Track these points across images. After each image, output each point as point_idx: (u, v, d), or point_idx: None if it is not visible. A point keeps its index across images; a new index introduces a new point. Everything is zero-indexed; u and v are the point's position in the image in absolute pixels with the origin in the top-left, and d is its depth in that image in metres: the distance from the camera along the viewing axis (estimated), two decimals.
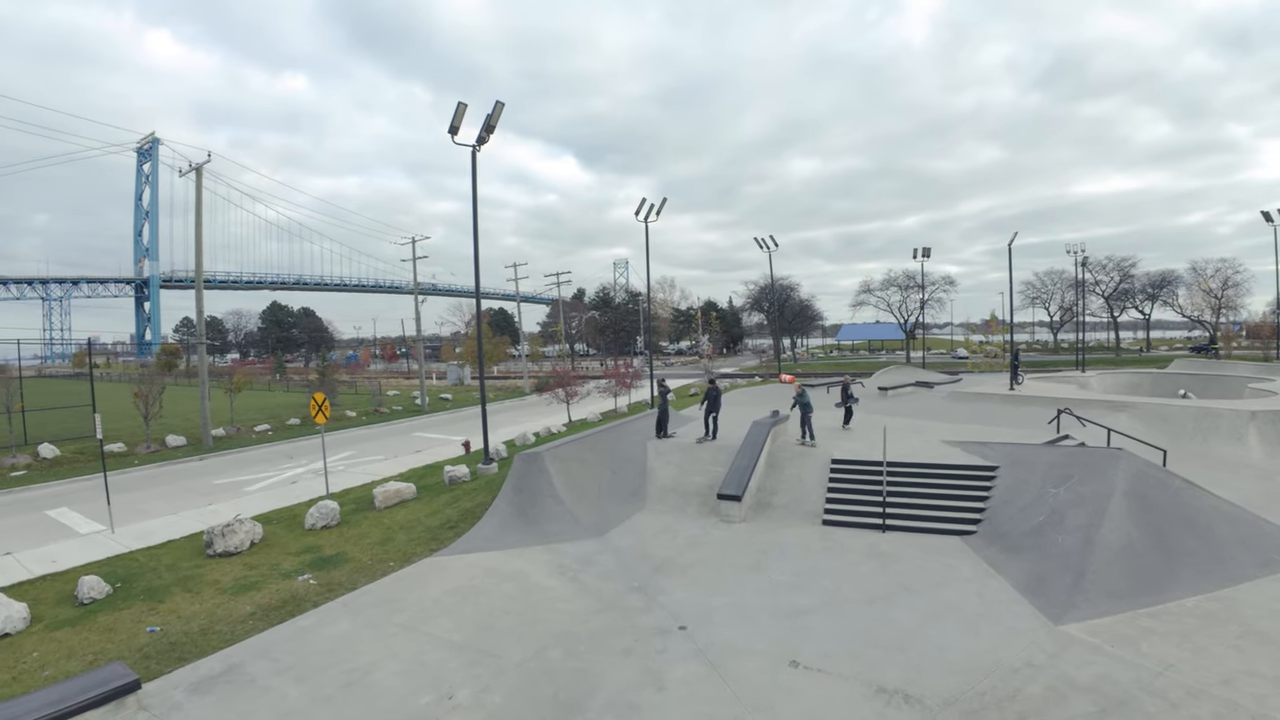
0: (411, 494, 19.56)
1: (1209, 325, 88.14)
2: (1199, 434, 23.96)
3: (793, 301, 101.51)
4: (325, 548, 16.06)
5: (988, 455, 17.61)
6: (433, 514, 17.42)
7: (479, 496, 17.84)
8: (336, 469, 27.77)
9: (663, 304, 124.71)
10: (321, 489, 21.84)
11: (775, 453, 18.44)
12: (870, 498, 16.07)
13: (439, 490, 19.97)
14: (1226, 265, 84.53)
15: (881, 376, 43.95)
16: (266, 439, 36.80)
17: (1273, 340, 69.06)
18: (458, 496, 18.57)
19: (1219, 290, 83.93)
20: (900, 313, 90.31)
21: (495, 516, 15.81)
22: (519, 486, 16.33)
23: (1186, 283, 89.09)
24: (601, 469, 18.06)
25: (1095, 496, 13.87)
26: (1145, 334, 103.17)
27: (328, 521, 17.75)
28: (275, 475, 26.89)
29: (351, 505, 19.62)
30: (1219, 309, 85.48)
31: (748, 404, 30.73)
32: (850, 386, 23.52)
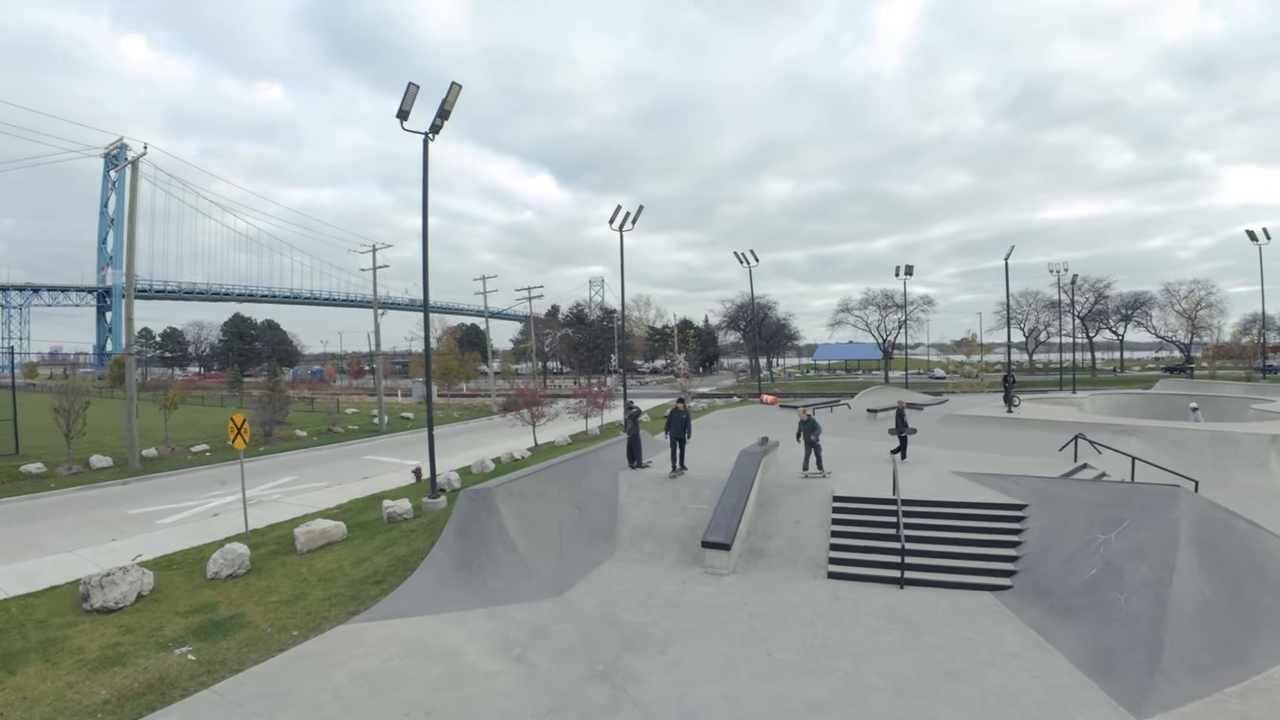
0: (340, 535, 16.62)
1: (1183, 345, 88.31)
2: (1218, 460, 21.98)
3: (770, 320, 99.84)
4: (222, 606, 13.12)
5: (1011, 491, 15.23)
6: (360, 562, 14.51)
7: (417, 540, 14.98)
8: (270, 498, 24.73)
9: (638, 322, 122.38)
10: (250, 520, 18.97)
11: (767, 487, 15.87)
12: (882, 543, 13.55)
13: (374, 530, 17.06)
14: (1199, 286, 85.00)
15: (866, 398, 41.77)
16: (203, 460, 33.45)
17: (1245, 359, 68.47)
18: (393, 540, 15.68)
19: (1193, 311, 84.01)
20: (879, 332, 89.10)
21: (432, 568, 12.97)
22: (463, 530, 13.51)
23: (1160, 304, 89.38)
24: (564, 506, 15.33)
25: (1157, 544, 11.50)
26: (1120, 354, 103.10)
27: (234, 569, 14.78)
28: (199, 505, 23.81)
29: (270, 547, 16.66)
30: (1193, 329, 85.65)
31: (729, 427, 28.18)
32: (905, 413, 20.40)
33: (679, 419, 17.08)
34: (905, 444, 19.69)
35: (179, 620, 12.48)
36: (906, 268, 49.82)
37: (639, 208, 30.95)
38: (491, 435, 39.76)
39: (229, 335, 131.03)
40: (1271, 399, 33.57)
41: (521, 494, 14.59)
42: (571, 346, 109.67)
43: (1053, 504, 13.98)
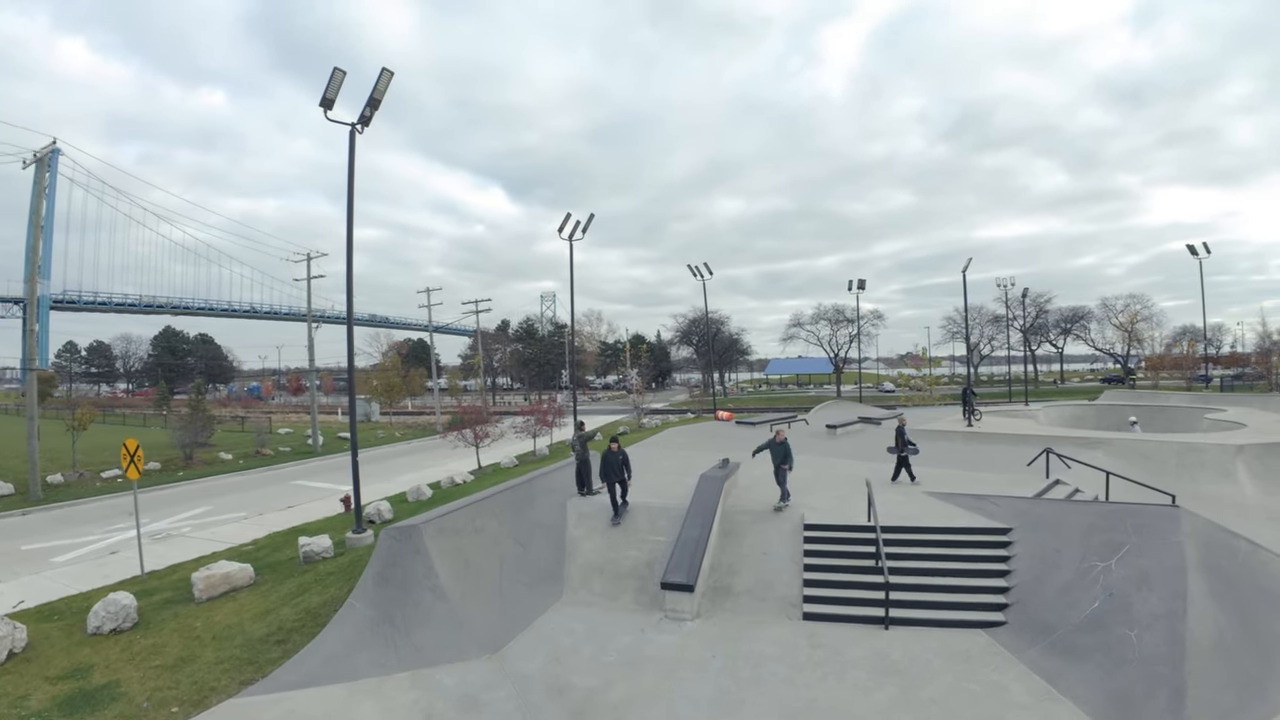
0: (246, 580, 14.50)
1: (1120, 357, 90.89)
2: (1184, 471, 21.45)
3: (723, 335, 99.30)
4: (97, 670, 11.00)
5: (993, 513, 14.07)
6: (264, 615, 12.47)
7: (333, 587, 13.02)
8: (179, 531, 22.33)
9: (589, 337, 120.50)
10: (151, 559, 16.89)
11: (730, 514, 14.39)
12: (860, 576, 12.19)
13: (286, 573, 14.98)
14: (1135, 300, 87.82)
15: (823, 412, 40.91)
16: (113, 487, 30.52)
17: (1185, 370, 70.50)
18: (306, 586, 13.66)
19: (1130, 324, 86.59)
20: (830, 346, 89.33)
21: (347, 623, 11.05)
22: (384, 576, 11.63)
23: (1097, 317, 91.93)
24: (505, 542, 13.57)
25: (1164, 572, 10.41)
26: (1059, 367, 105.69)
27: (118, 623, 12.62)
28: (100, 539, 21.40)
29: (165, 594, 14.48)
30: (1130, 342, 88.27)
31: (687, 446, 26.72)
32: (905, 429, 18.63)
33: (614, 461, 14.62)
34: (908, 464, 18.16)
35: (48, 688, 10.40)
36: (859, 282, 49.52)
37: (589, 216, 29.51)
38: (434, 456, 37.53)
39: (158, 350, 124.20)
40: (1222, 408, 33.79)
41: (455, 530, 12.79)
42: (522, 362, 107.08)
43: (1040, 527, 12.85)
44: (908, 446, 18.05)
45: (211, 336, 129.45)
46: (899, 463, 18.17)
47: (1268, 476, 20.54)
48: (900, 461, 18.15)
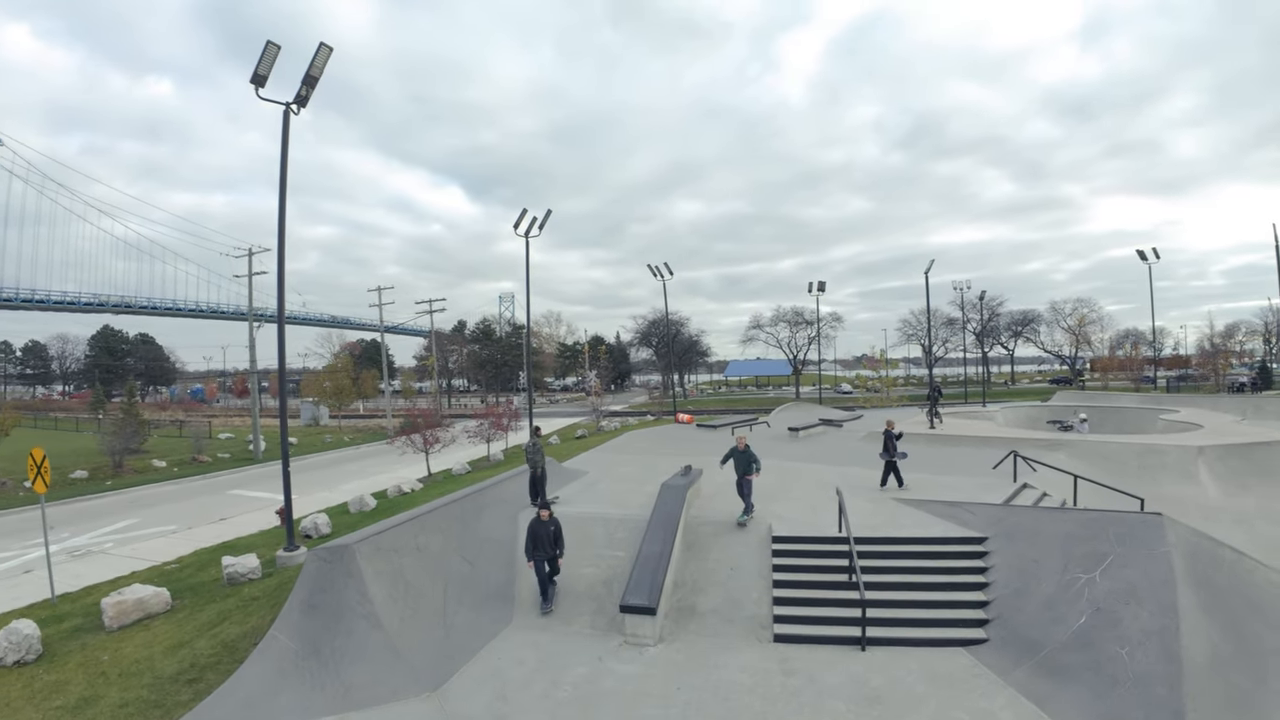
0: (162, 605, 13.08)
1: (1068, 359, 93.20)
2: (1145, 473, 21.29)
3: (682, 337, 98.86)
4: None
5: (967, 521, 13.48)
6: (178, 647, 11.14)
7: (256, 615, 11.75)
8: (101, 547, 20.64)
9: (548, 338, 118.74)
10: (66, 579, 15.45)
11: (694, 525, 13.51)
12: (832, 592, 11.44)
13: (208, 597, 13.60)
14: (1083, 304, 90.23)
15: (784, 414, 40.43)
16: (37, 498, 28.27)
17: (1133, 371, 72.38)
18: (227, 613, 12.34)
19: (1078, 327, 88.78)
20: (789, 348, 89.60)
21: (268, 658, 9.84)
22: (312, 603, 10.44)
23: (1047, 320, 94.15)
24: (451, 560, 12.45)
25: (1152, 585, 9.85)
26: (1010, 368, 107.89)
27: (21, 655, 11.24)
28: (16, 556, 19.77)
29: (76, 620, 13.03)
30: (1078, 344, 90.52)
31: (647, 450, 25.82)
32: (893, 434, 17.76)
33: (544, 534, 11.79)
34: (897, 469, 17.57)
35: None
36: (819, 284, 49.36)
37: (546, 213, 28.48)
38: (383, 462, 35.88)
39: (96, 350, 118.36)
40: (1175, 409, 34.25)
41: (394, 548, 11.63)
42: (478, 363, 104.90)
43: (1017, 536, 12.26)
44: (897, 453, 17.44)
45: (152, 337, 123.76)
46: (887, 468, 17.59)
47: (1229, 478, 20.51)
48: (889, 466, 17.56)
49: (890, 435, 17.59)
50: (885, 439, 17.60)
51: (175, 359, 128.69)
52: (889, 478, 17.55)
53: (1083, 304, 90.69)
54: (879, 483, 17.67)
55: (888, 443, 17.50)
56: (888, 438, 17.57)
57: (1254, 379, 44.51)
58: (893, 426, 18.01)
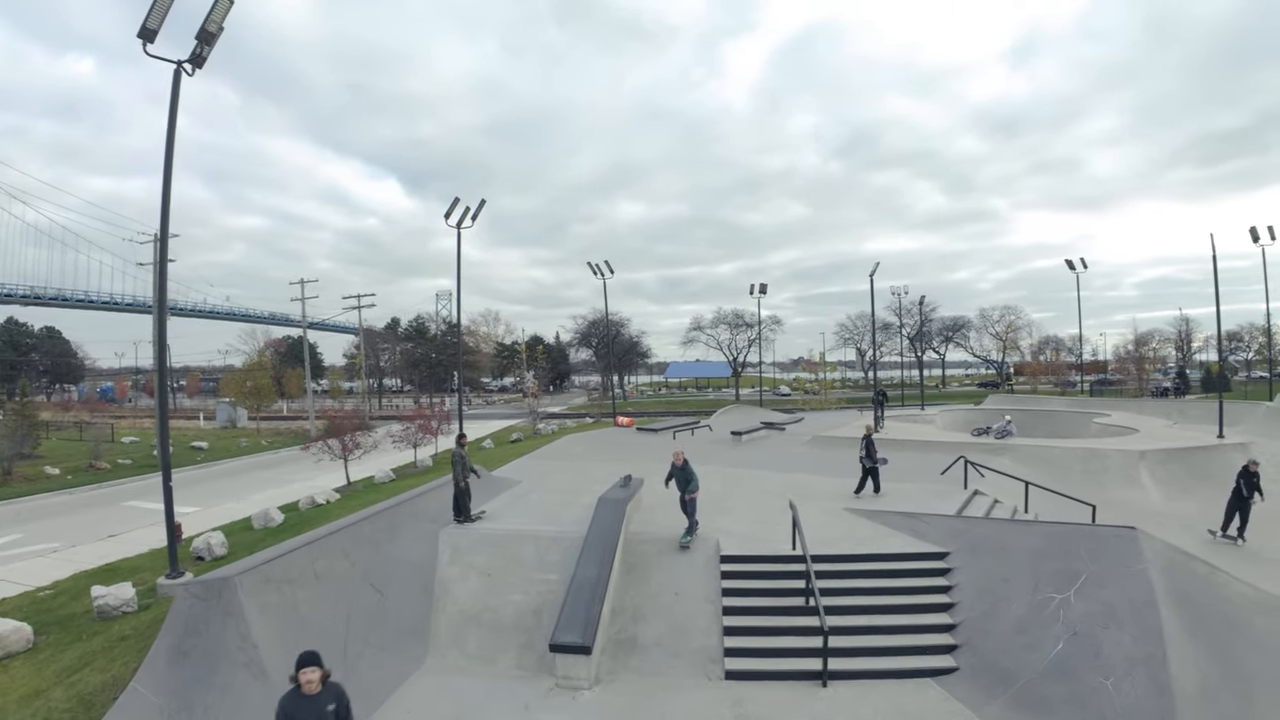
0: (22, 643, 10.97)
1: (996, 364, 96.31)
2: (1089, 477, 21.11)
3: (622, 338, 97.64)
4: None
5: (925, 534, 12.60)
6: (32, 697, 9.19)
7: (119, 661, 9.84)
8: None
9: (485, 338, 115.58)
10: None
11: (634, 543, 12.20)
12: (790, 619, 10.32)
13: (76, 633, 11.55)
14: (1009, 311, 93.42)
15: (726, 417, 39.57)
16: None
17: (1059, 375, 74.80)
18: (91, 655, 10.38)
19: (1006, 333, 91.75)
20: (729, 350, 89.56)
21: (127, 716, 8.07)
22: (182, 649, 8.72)
23: (976, 326, 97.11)
24: (356, 588, 10.83)
25: (1132, 606, 9.07)
26: (941, 372, 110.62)
27: None
28: None
29: None
30: (1005, 349, 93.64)
31: (585, 456, 24.40)
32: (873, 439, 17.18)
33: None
34: (876, 475, 16.88)
35: None
36: (761, 286, 48.83)
37: (480, 202, 26.76)
38: (301, 469, 33.29)
39: None
40: (1106, 413, 34.80)
41: (287, 578, 9.96)
42: (412, 363, 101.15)
43: (981, 551, 11.42)
44: (877, 459, 16.77)
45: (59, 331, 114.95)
46: (866, 474, 16.92)
47: (1170, 482, 20.47)
48: (868, 473, 16.90)
49: (870, 440, 16.91)
50: (868, 445, 16.84)
51: (84, 355, 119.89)
52: (865, 484, 16.96)
53: (1010, 311, 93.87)
54: (854, 490, 17.02)
55: (870, 448, 16.76)
56: (870, 443, 16.84)
57: (1175, 384, 45.98)
58: (871, 432, 17.43)
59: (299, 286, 52.56)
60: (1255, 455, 22.69)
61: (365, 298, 57.86)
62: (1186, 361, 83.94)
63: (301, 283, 51.60)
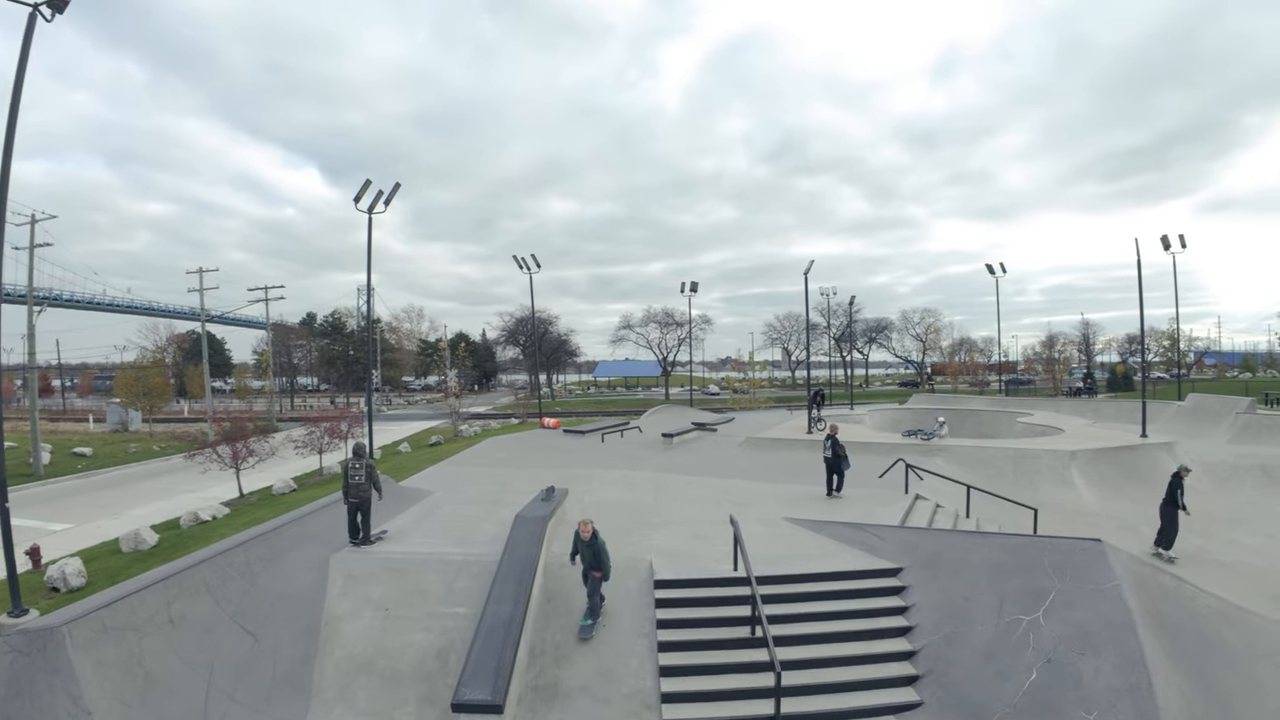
0: None
1: (917, 364, 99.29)
2: (1022, 477, 20.95)
3: (551, 336, 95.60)
4: None
5: (876, 547, 11.65)
6: None
7: None
8: None
9: (408, 335, 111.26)
10: None
11: (556, 569, 10.74)
12: (736, 654, 9.09)
13: None
14: (929, 314, 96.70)
15: (656, 417, 38.50)
16: None
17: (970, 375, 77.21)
18: None
19: (926, 335, 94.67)
20: (659, 349, 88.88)
21: None
22: (4, 714, 6.86)
23: (898, 328, 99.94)
24: (223, 632, 9.01)
25: (1109, 629, 8.23)
26: (865, 371, 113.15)
27: None
28: None
29: None
30: (925, 350, 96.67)
31: (507, 463, 22.71)
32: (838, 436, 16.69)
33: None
34: (842, 477, 16.56)
35: None
36: (692, 285, 47.94)
37: (395, 185, 24.67)
38: (191, 479, 30.19)
39: None
40: (1029, 412, 35.33)
41: (133, 625, 8.09)
42: (328, 360, 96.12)
43: (937, 567, 10.50)
44: (846, 460, 16.35)
45: None
46: (836, 476, 16.62)
47: (1102, 483, 20.40)
48: (837, 475, 16.59)
49: (837, 440, 16.46)
50: (832, 445, 16.35)
51: None
52: (833, 483, 16.73)
53: (930, 314, 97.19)
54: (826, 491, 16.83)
55: (835, 448, 16.29)
56: (834, 443, 16.37)
57: (1087, 384, 47.58)
58: (836, 431, 16.92)
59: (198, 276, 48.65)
60: (1180, 454, 23.08)
61: (273, 290, 54.37)
62: (1089, 363, 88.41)
63: (200, 271, 47.79)
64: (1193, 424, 31.68)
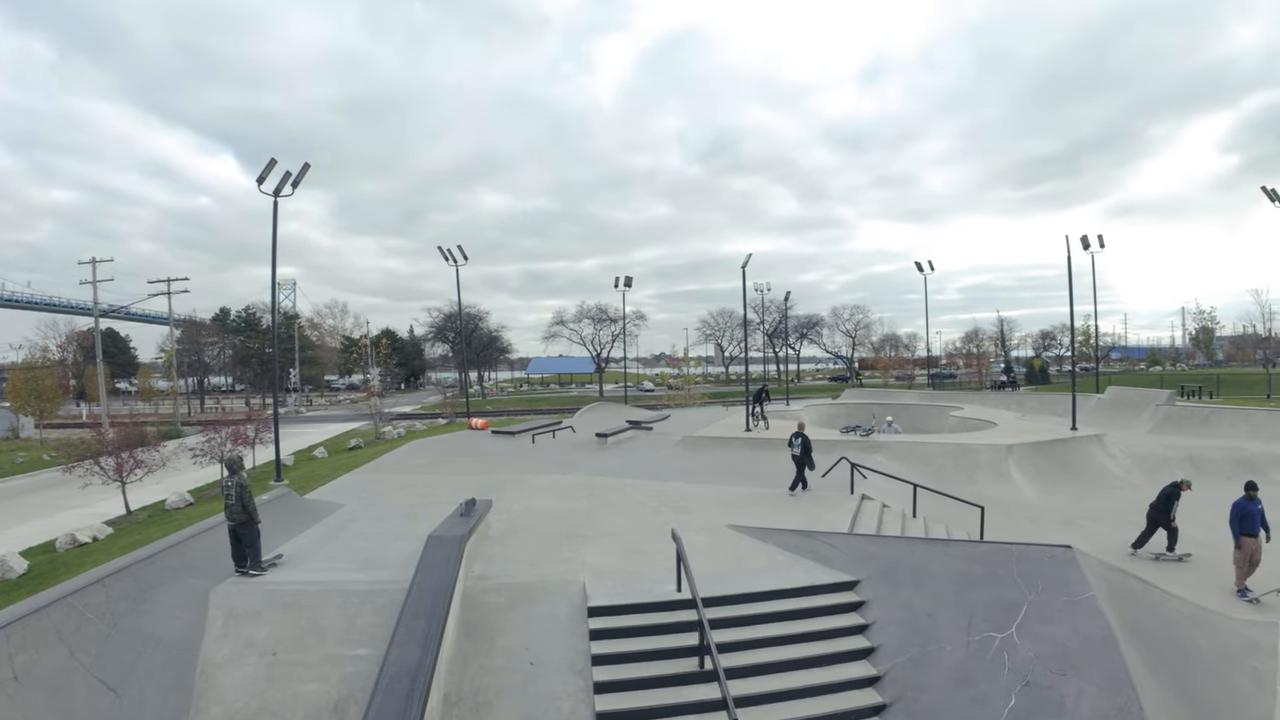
0: None
1: (847, 359, 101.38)
2: (961, 473, 20.67)
3: (481, 332, 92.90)
4: None
5: (828, 558, 10.76)
6: None
7: None
8: None
9: (331, 331, 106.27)
10: None
11: (475, 596, 9.40)
12: (682, 691, 7.99)
13: None
14: (859, 311, 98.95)
15: (589, 416, 37.24)
16: None
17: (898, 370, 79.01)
18: None
19: (855, 330, 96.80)
20: (592, 345, 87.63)
21: None
22: None
23: (828, 324, 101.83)
24: (78, 690, 7.37)
25: (1089, 646, 7.51)
26: (797, 367, 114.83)
27: None
28: None
29: None
30: (855, 346, 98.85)
31: (428, 469, 21.05)
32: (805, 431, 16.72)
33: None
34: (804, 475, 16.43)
35: None
36: (626, 279, 46.80)
37: (303, 166, 22.60)
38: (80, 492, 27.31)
39: None
40: (960, 406, 35.66)
41: None
42: (242, 359, 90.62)
43: (897, 578, 9.68)
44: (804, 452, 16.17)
45: None
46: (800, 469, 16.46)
47: (1039, 477, 20.30)
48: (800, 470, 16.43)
49: (807, 439, 16.39)
50: (802, 444, 16.22)
51: None
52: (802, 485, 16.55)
53: (859, 310, 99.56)
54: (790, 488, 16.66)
55: (804, 446, 16.21)
56: (803, 441, 16.25)
57: (1011, 378, 48.82)
58: (803, 428, 16.96)
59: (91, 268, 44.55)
60: (1109, 446, 23.33)
61: (177, 282, 50.39)
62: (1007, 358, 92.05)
63: (93, 262, 43.72)
64: (1114, 416, 32.51)
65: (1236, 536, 11.92)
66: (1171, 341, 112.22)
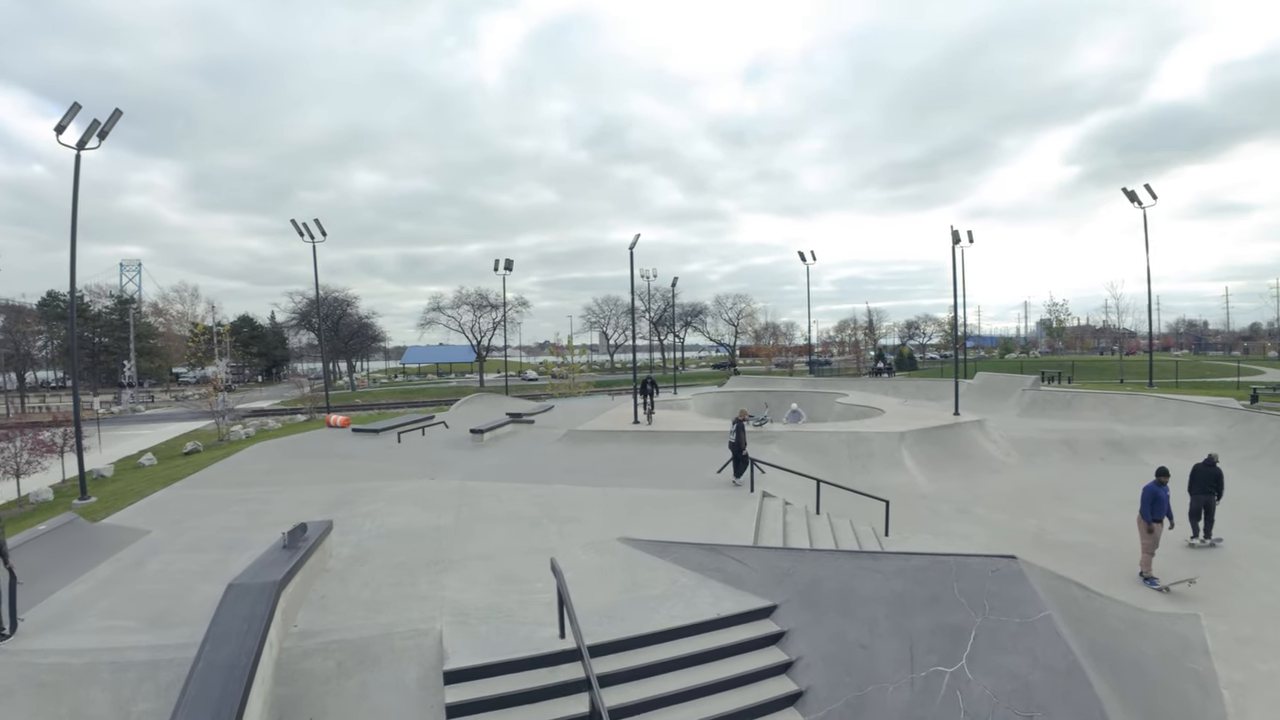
0: None
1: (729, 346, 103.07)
2: (856, 462, 20.00)
3: (350, 318, 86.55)
4: None
5: (738, 577, 9.20)
6: None
7: None
8: None
9: (180, 318, 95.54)
10: None
11: (294, 662, 7.10)
12: None
13: None
14: (740, 300, 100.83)
15: (466, 409, 34.57)
16: None
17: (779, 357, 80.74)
18: None
19: (737, 319, 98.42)
20: (473, 333, 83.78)
21: None
22: None
23: (711, 313, 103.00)
24: None
25: (1053, 678, 6.28)
26: (680, 355, 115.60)
27: None
28: None
29: None
30: (737, 334, 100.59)
31: (267, 478, 17.85)
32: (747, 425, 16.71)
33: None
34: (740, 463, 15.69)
35: None
36: (506, 262, 44.23)
37: (113, 113, 18.77)
38: None
39: None
40: (844, 392, 35.77)
41: None
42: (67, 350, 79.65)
43: (820, 601, 8.23)
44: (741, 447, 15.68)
45: None
46: (739, 461, 15.74)
47: (930, 463, 19.93)
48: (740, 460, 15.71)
49: (743, 427, 15.99)
50: (738, 432, 15.79)
51: None
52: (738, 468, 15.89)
53: (741, 299, 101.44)
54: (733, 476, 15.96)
55: (741, 434, 15.79)
56: (739, 429, 15.82)
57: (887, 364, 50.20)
58: (745, 417, 16.71)
59: None
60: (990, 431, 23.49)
61: None
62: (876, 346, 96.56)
63: None
64: (984, 400, 33.51)
65: (1149, 521, 11.51)
66: (1017, 332, 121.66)
